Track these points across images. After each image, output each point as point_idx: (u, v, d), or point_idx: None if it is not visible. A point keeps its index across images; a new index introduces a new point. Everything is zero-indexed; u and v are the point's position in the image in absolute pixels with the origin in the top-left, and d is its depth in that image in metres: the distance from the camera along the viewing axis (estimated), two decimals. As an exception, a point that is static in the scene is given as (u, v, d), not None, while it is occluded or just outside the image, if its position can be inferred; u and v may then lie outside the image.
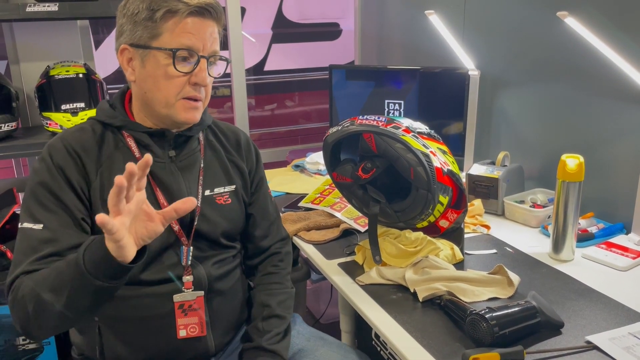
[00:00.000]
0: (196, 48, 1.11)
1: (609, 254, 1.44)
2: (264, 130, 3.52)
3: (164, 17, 1.09)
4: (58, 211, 1.09)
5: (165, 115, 1.15)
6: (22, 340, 1.86)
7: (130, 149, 1.17)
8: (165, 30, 1.10)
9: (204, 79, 1.13)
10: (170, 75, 1.11)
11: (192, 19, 1.10)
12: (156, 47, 1.10)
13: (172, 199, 1.15)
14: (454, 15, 2.15)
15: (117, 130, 1.18)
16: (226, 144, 1.32)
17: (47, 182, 1.09)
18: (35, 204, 1.09)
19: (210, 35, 1.13)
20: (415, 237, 1.43)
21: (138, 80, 1.15)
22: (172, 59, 1.10)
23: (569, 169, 1.38)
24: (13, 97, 1.91)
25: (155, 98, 1.14)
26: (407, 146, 1.27)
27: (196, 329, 1.19)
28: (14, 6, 1.76)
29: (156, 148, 1.18)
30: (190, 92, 1.14)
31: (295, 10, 3.47)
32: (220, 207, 1.26)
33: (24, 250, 1.07)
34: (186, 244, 1.19)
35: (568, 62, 1.72)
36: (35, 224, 1.07)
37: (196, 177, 1.23)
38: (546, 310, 1.11)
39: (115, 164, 1.14)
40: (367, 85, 2.29)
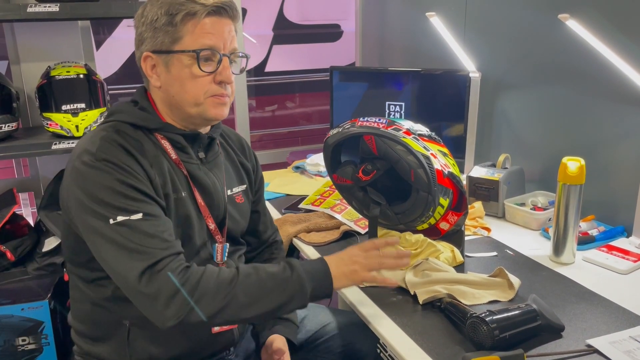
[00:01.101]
0: (217, 47, 1.13)
1: (609, 257, 1.43)
2: (265, 132, 3.51)
3: (183, 20, 1.11)
4: (147, 200, 1.07)
5: (195, 114, 1.17)
6: (21, 340, 1.85)
7: (165, 151, 1.17)
8: (186, 33, 1.11)
9: (229, 77, 1.16)
10: (195, 76, 1.13)
11: (210, 19, 1.12)
12: (179, 51, 1.12)
13: (208, 199, 1.21)
14: (455, 17, 2.15)
15: (149, 132, 1.17)
16: (233, 146, 1.38)
17: (121, 176, 1.05)
18: (120, 198, 1.04)
19: (229, 34, 1.15)
20: (415, 239, 1.43)
21: (164, 86, 1.16)
22: (195, 60, 1.12)
23: (570, 171, 1.38)
24: (14, 97, 1.91)
25: (184, 100, 1.15)
26: (407, 148, 1.27)
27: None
28: (15, 6, 1.76)
29: (190, 149, 1.21)
30: (217, 90, 1.16)
31: (296, 12, 3.47)
32: (239, 205, 1.32)
33: (136, 239, 1.02)
34: (221, 241, 1.24)
35: (569, 65, 1.72)
36: (131, 215, 1.04)
37: (222, 177, 1.27)
38: (547, 314, 1.11)
39: (163, 164, 1.14)
40: (368, 87, 2.29)
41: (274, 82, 3.50)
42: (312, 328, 1.42)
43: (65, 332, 1.86)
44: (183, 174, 1.18)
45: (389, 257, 1.17)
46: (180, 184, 1.17)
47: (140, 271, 1.01)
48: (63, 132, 1.86)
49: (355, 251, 1.17)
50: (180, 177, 1.17)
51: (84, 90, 1.91)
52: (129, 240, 1.03)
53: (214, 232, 1.23)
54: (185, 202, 1.16)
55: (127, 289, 1.04)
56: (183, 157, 1.19)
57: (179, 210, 1.15)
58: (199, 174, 1.21)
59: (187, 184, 1.18)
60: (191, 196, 1.19)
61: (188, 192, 1.18)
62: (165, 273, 1.01)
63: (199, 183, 1.20)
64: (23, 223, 1.96)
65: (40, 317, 1.80)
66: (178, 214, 1.15)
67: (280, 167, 2.54)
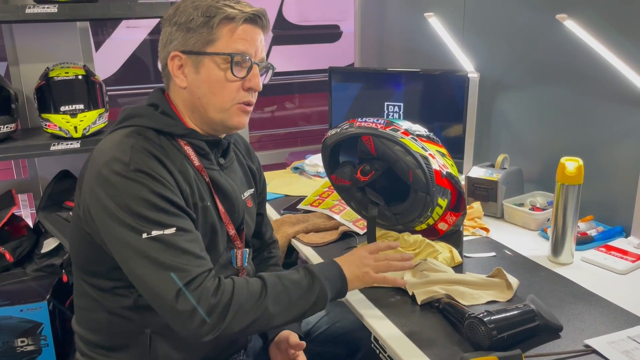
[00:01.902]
0: (250, 54, 1.13)
1: (608, 257, 1.43)
2: (264, 132, 3.52)
3: (220, 23, 1.11)
4: (180, 214, 1.06)
5: (218, 120, 1.16)
6: (20, 342, 1.85)
7: (188, 157, 1.15)
8: (221, 36, 1.11)
9: (258, 84, 1.17)
10: (226, 80, 1.13)
11: (246, 26, 1.13)
12: (212, 53, 1.11)
13: (228, 205, 1.22)
14: (453, 18, 2.15)
15: (172, 138, 1.15)
16: (241, 149, 1.38)
17: (155, 187, 1.04)
18: (154, 211, 1.03)
19: (260, 42, 1.16)
20: (414, 239, 1.43)
21: (191, 87, 1.15)
22: (228, 64, 1.12)
23: (568, 172, 1.38)
24: (12, 98, 1.91)
25: (211, 103, 1.14)
26: (406, 149, 1.27)
27: None
28: (13, 7, 1.76)
29: (212, 155, 1.20)
30: (245, 97, 1.16)
31: (296, 12, 3.47)
32: (250, 209, 1.33)
33: (172, 255, 1.02)
34: (240, 246, 1.25)
35: (567, 65, 1.72)
36: (165, 229, 1.02)
37: (238, 182, 1.28)
38: (545, 314, 1.11)
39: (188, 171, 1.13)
40: (367, 88, 2.29)
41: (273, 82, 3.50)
42: (311, 320, 1.45)
43: (65, 333, 1.86)
44: (205, 181, 1.17)
45: (395, 260, 1.20)
46: (204, 191, 1.16)
47: (177, 289, 1.00)
48: (62, 133, 1.86)
49: (364, 253, 1.19)
50: (203, 184, 1.16)
51: (83, 92, 1.91)
52: (164, 257, 1.01)
53: (233, 238, 1.23)
54: (209, 210, 1.16)
55: (162, 306, 1.02)
56: (205, 163, 1.18)
57: (204, 220, 1.15)
58: (220, 180, 1.20)
59: (209, 191, 1.17)
60: (214, 204, 1.18)
61: (210, 199, 1.17)
62: (201, 291, 1.01)
63: (221, 189, 1.20)
64: (22, 224, 1.96)
65: (39, 318, 1.80)
66: (204, 223, 1.15)
67: (279, 167, 2.54)
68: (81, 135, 1.85)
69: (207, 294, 1.01)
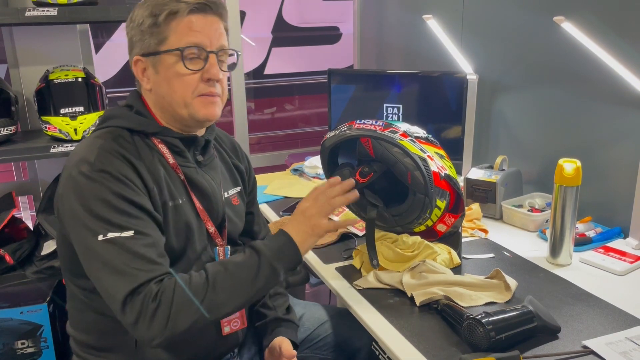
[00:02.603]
0: (203, 44, 1.12)
1: (606, 258, 1.44)
2: (263, 134, 3.52)
3: (166, 20, 1.10)
4: (141, 216, 1.06)
5: (186, 115, 1.15)
6: (20, 344, 1.86)
7: (163, 155, 1.16)
8: (171, 32, 1.11)
9: (216, 74, 1.14)
10: (181, 74, 1.12)
11: (195, 17, 1.11)
12: (165, 51, 1.12)
13: (207, 203, 1.21)
14: (452, 20, 2.16)
15: (146, 137, 1.16)
16: (226, 148, 1.37)
17: (117, 189, 1.04)
18: (114, 212, 1.03)
19: (215, 31, 1.14)
20: (412, 241, 1.43)
21: (154, 88, 1.16)
22: (181, 58, 1.11)
23: (566, 173, 1.38)
24: (12, 101, 1.92)
25: (174, 101, 1.14)
26: (404, 150, 1.28)
27: (238, 323, 1.26)
28: (13, 10, 1.77)
29: (187, 153, 1.20)
30: (205, 89, 1.14)
31: (295, 14, 3.48)
32: (235, 207, 1.32)
33: (125, 259, 1.02)
34: (222, 244, 1.24)
35: (565, 67, 1.73)
36: (122, 232, 1.02)
37: (219, 179, 1.27)
38: (543, 315, 1.11)
39: (159, 170, 1.13)
40: (366, 89, 2.29)
41: (273, 84, 3.51)
42: (310, 326, 1.44)
43: (65, 335, 1.86)
44: (180, 179, 1.17)
45: (337, 194, 1.16)
46: (177, 189, 1.16)
47: (125, 295, 1.00)
48: (62, 135, 1.87)
49: (304, 204, 1.16)
50: (177, 183, 1.17)
51: (83, 94, 1.92)
52: (117, 260, 1.02)
53: (214, 236, 1.23)
54: (183, 208, 1.16)
55: (114, 310, 1.04)
56: (180, 161, 1.18)
57: (177, 218, 1.14)
58: (197, 178, 1.20)
59: (184, 189, 1.18)
60: (189, 201, 1.18)
61: (186, 197, 1.17)
62: (144, 297, 1.00)
63: (197, 187, 1.20)
64: (22, 226, 1.96)
65: (40, 320, 1.81)
66: (177, 221, 1.14)
67: (279, 169, 2.54)
68: (81, 137, 1.86)
69: (149, 299, 1.00)
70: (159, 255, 1.06)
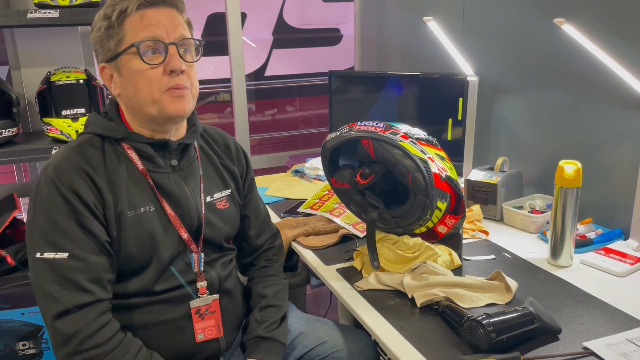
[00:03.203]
0: (160, 37, 1.10)
1: (607, 260, 1.44)
2: (264, 136, 3.52)
3: (118, 19, 1.09)
4: (81, 237, 1.06)
5: (156, 113, 1.13)
6: (21, 345, 1.86)
7: (132, 161, 1.15)
8: (126, 31, 1.10)
9: (178, 64, 1.11)
10: (143, 70, 1.10)
11: (146, 11, 1.10)
12: (123, 50, 1.10)
13: (179, 209, 1.18)
14: (452, 22, 2.16)
15: (116, 143, 1.16)
16: (217, 149, 1.33)
17: (63, 207, 1.06)
18: (55, 232, 1.05)
19: (170, 22, 1.12)
20: (413, 242, 1.43)
21: (122, 91, 1.15)
22: (138, 54, 1.09)
23: (567, 175, 1.39)
24: (14, 102, 1.92)
25: (142, 100, 1.12)
26: (405, 152, 1.28)
27: (213, 331, 1.23)
28: (15, 12, 1.77)
29: (158, 158, 1.18)
30: (170, 82, 1.12)
31: (296, 16, 3.48)
32: (221, 211, 1.28)
33: (56, 280, 1.04)
34: (196, 251, 1.21)
35: (565, 69, 1.73)
36: (57, 253, 1.04)
37: (198, 184, 1.24)
38: (543, 316, 1.11)
39: (121, 178, 1.13)
40: (367, 91, 2.30)
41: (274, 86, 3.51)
42: (309, 344, 1.35)
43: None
44: (149, 185, 1.15)
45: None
46: (144, 197, 1.14)
47: (51, 317, 1.04)
48: (63, 137, 1.87)
49: None
50: (145, 189, 1.15)
51: (84, 96, 1.92)
52: (46, 280, 1.04)
53: (188, 242, 1.19)
54: (147, 217, 1.14)
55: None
56: (150, 166, 1.16)
57: (137, 227, 1.12)
58: (167, 184, 1.17)
59: (153, 196, 1.16)
60: (159, 208, 1.16)
61: (155, 203, 1.15)
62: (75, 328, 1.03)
63: (167, 193, 1.17)
64: (23, 228, 1.96)
65: (40, 321, 1.81)
66: (137, 231, 1.12)
67: (280, 171, 2.54)
68: (82, 139, 1.86)
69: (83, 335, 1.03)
70: (91, 280, 1.06)
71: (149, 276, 1.15)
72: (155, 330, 1.17)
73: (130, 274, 1.15)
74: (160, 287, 1.17)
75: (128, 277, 1.15)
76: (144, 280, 1.15)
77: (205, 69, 3.26)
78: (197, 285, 1.20)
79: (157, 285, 1.16)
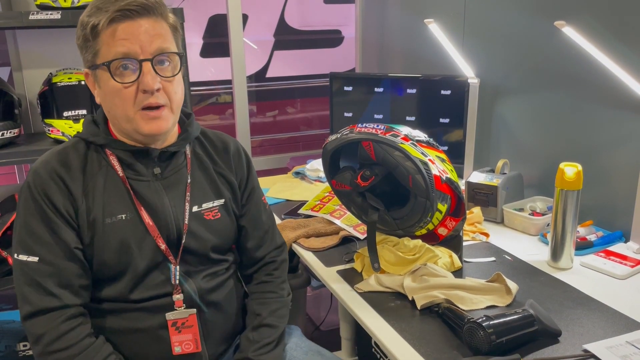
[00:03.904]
0: (133, 53, 1.05)
1: (607, 262, 1.44)
2: (265, 137, 3.53)
3: (92, 33, 1.05)
4: (51, 242, 1.08)
5: (131, 130, 1.11)
6: (22, 346, 1.86)
7: (113, 168, 1.14)
8: (101, 44, 1.06)
9: (150, 84, 1.06)
10: (116, 89, 1.07)
11: (119, 25, 1.04)
12: (97, 65, 1.08)
13: (157, 218, 1.15)
14: (453, 24, 2.16)
15: (100, 149, 1.15)
16: (214, 155, 1.28)
17: (35, 212, 1.08)
18: (28, 235, 1.08)
19: (147, 34, 1.05)
20: (413, 244, 1.43)
21: (102, 101, 1.14)
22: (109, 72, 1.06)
23: (567, 177, 1.39)
24: (15, 103, 1.93)
25: (117, 115, 1.11)
26: (405, 154, 1.28)
27: (191, 346, 1.18)
28: (17, 14, 1.78)
29: (139, 166, 1.16)
30: (144, 101, 1.08)
31: (297, 17, 3.49)
32: (209, 222, 1.22)
33: (27, 283, 1.07)
34: (174, 262, 1.17)
35: (566, 71, 1.73)
36: (29, 256, 1.07)
37: (182, 193, 1.19)
38: (544, 319, 1.11)
39: (98, 185, 1.12)
40: (368, 93, 2.30)
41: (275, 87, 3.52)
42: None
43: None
44: (129, 193, 1.13)
45: None
46: (122, 204, 1.13)
47: (24, 316, 1.08)
48: (64, 138, 1.88)
49: None
50: (123, 197, 1.13)
51: (86, 97, 1.93)
52: (20, 281, 1.08)
53: (166, 253, 1.16)
54: (120, 225, 1.12)
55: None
56: (130, 174, 1.15)
57: (111, 235, 1.11)
58: (146, 192, 1.15)
59: (131, 203, 1.13)
60: (136, 216, 1.13)
61: (132, 212, 1.13)
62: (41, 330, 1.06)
63: (146, 202, 1.14)
64: (24, 229, 1.97)
65: (41, 322, 1.81)
66: (111, 238, 1.11)
67: (281, 172, 2.54)
68: (84, 140, 1.86)
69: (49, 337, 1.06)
70: (60, 285, 1.08)
71: (124, 284, 1.14)
72: (131, 337, 1.16)
73: (106, 281, 1.15)
74: (137, 295, 1.15)
75: (104, 284, 1.15)
76: (119, 288, 1.14)
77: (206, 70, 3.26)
78: (172, 297, 1.16)
79: (134, 294, 1.15)
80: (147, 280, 1.15)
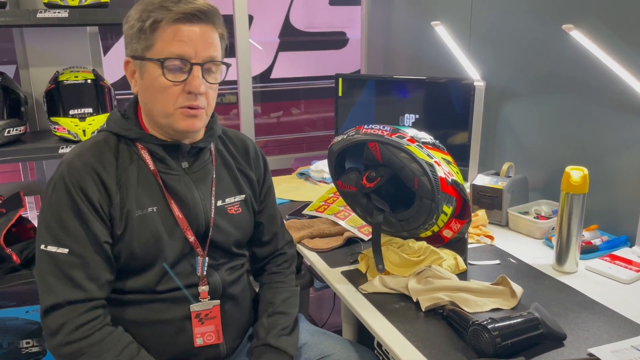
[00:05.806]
0: (187, 55, 1.09)
1: (612, 267, 1.43)
2: (270, 138, 3.53)
3: (151, 27, 1.08)
4: (82, 235, 1.08)
5: (165, 125, 1.15)
6: (25, 343, 1.86)
7: (144, 161, 1.16)
8: (157, 40, 1.09)
9: (197, 87, 1.11)
10: (163, 85, 1.10)
11: (179, 26, 1.08)
12: (148, 58, 1.10)
13: (187, 211, 1.19)
14: (460, 27, 2.16)
15: (131, 142, 1.17)
16: (235, 153, 1.33)
17: (68, 204, 1.08)
18: (59, 227, 1.08)
19: (203, 41, 1.10)
20: (418, 246, 1.43)
21: (140, 92, 1.16)
22: (161, 69, 1.09)
23: (573, 180, 1.38)
24: (22, 101, 1.93)
25: (155, 109, 1.14)
26: (411, 156, 1.28)
27: (212, 337, 1.22)
28: (24, 12, 1.78)
29: (170, 160, 1.19)
30: (186, 102, 1.12)
31: (303, 19, 3.49)
32: (232, 216, 1.27)
33: (54, 274, 1.07)
34: (202, 254, 1.21)
35: (573, 75, 1.73)
36: (59, 248, 1.07)
37: (209, 188, 1.24)
38: (549, 322, 1.11)
39: (131, 178, 1.14)
40: (373, 94, 2.30)
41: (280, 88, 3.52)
42: (312, 356, 1.32)
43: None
44: (159, 186, 1.16)
45: None
46: (153, 197, 1.15)
47: (45, 308, 1.07)
48: (70, 136, 1.88)
49: None
50: (154, 190, 1.16)
51: (92, 95, 1.93)
52: (47, 272, 1.08)
53: (194, 245, 1.19)
54: (152, 217, 1.14)
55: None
56: (161, 167, 1.17)
57: (143, 227, 1.13)
58: (177, 186, 1.18)
59: (162, 196, 1.16)
60: (166, 209, 1.16)
61: (163, 204, 1.16)
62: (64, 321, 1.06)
63: (176, 195, 1.18)
64: (29, 226, 1.97)
65: (45, 319, 1.81)
66: (143, 230, 1.13)
67: (285, 173, 2.55)
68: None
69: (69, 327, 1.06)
70: (89, 278, 1.09)
71: (152, 276, 1.16)
72: (154, 328, 1.17)
73: (133, 272, 1.16)
74: (163, 287, 1.17)
75: (130, 276, 1.16)
76: (145, 279, 1.16)
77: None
78: (198, 289, 1.20)
79: (160, 285, 1.17)
80: (174, 272, 1.18)
